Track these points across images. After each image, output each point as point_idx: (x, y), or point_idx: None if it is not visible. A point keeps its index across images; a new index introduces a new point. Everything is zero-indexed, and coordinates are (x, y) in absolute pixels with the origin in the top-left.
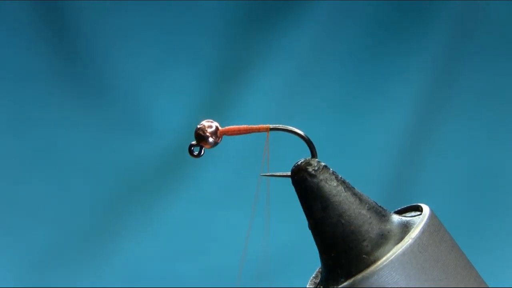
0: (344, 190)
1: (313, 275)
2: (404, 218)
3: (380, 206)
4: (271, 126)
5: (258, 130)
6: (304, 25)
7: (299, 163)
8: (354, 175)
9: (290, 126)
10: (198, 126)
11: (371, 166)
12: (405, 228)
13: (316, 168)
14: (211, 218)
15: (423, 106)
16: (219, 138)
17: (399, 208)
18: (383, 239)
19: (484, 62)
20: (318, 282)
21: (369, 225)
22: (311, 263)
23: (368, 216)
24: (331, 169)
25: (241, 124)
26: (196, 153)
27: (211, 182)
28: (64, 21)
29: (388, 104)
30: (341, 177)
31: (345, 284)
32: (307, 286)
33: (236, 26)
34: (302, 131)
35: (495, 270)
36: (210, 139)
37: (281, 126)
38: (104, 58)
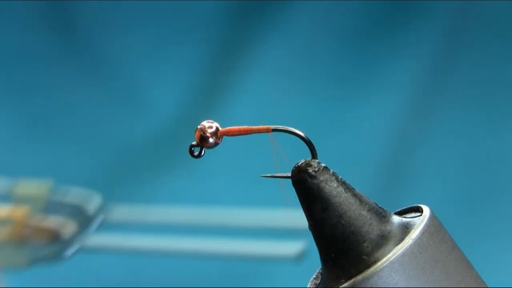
0: (345, 191)
1: (314, 276)
2: (404, 219)
3: (380, 207)
4: (273, 127)
5: (259, 131)
6: (302, 8)
7: (299, 164)
8: (348, 159)
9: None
10: (199, 127)
11: (365, 151)
12: (406, 229)
13: (316, 169)
14: (205, 197)
15: (420, 93)
16: (219, 139)
17: (399, 209)
18: (384, 240)
19: (482, 51)
20: (319, 283)
21: (370, 226)
22: (310, 263)
23: (369, 217)
24: (331, 170)
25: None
26: (196, 153)
27: (207, 160)
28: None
29: (385, 90)
30: (341, 178)
31: (345, 285)
32: (308, 287)
33: (235, 9)
34: (303, 131)
35: (490, 262)
36: (211, 140)
37: (281, 127)
38: (103, 34)
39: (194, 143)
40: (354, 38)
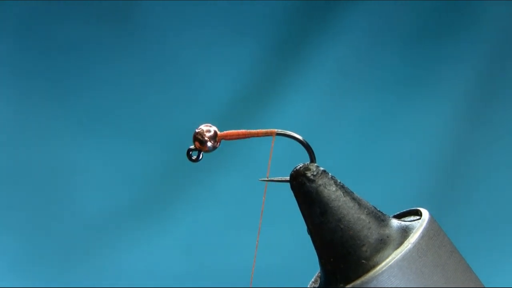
0: (343, 195)
1: (312, 280)
2: (403, 223)
3: (379, 211)
4: (269, 130)
5: (257, 135)
6: (362, 10)
7: (297, 168)
8: (404, 159)
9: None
10: (197, 131)
11: (422, 152)
12: (405, 232)
13: (314, 173)
14: (254, 190)
15: (478, 96)
16: (217, 143)
17: (398, 213)
18: (382, 244)
19: None
20: (317, 287)
21: (368, 230)
22: (309, 267)
23: (367, 221)
24: (330, 174)
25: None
26: (194, 157)
27: (261, 157)
28: None
29: (443, 92)
30: (340, 182)
31: None
32: None
33: (296, 8)
34: (301, 135)
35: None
36: (209, 144)
37: (280, 130)
38: (160, 27)
39: (192, 147)
40: (414, 41)
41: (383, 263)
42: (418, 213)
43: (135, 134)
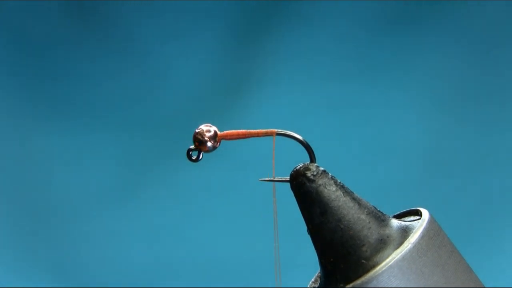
0: (343, 194)
1: (312, 280)
2: (403, 223)
3: (379, 211)
4: (269, 130)
5: (257, 135)
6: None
7: (297, 168)
8: (380, 147)
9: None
10: (197, 131)
11: (397, 140)
12: (405, 232)
13: (314, 173)
14: (240, 182)
15: (453, 85)
16: (217, 143)
17: (398, 213)
18: (382, 244)
19: None
20: (317, 287)
21: (368, 230)
22: (310, 268)
23: (367, 221)
24: (330, 174)
25: (245, 127)
26: (194, 157)
27: (252, 153)
28: None
29: (418, 80)
30: (340, 182)
31: None
32: None
33: None
34: (301, 135)
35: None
36: (209, 144)
37: (281, 131)
38: (131, 22)
39: (192, 147)
40: (389, 27)
41: (383, 263)
42: (418, 213)
43: (109, 123)
